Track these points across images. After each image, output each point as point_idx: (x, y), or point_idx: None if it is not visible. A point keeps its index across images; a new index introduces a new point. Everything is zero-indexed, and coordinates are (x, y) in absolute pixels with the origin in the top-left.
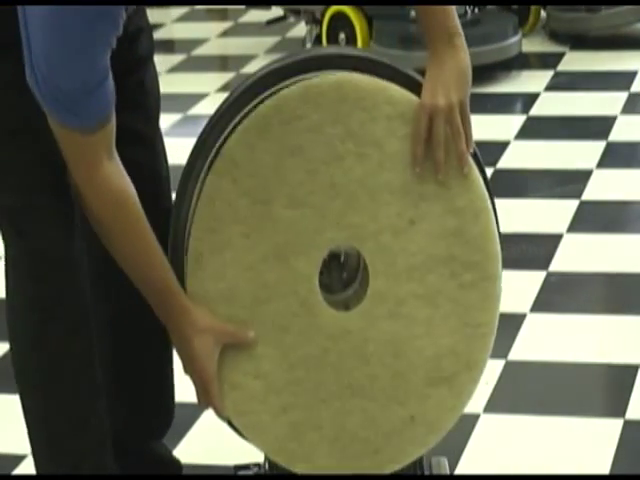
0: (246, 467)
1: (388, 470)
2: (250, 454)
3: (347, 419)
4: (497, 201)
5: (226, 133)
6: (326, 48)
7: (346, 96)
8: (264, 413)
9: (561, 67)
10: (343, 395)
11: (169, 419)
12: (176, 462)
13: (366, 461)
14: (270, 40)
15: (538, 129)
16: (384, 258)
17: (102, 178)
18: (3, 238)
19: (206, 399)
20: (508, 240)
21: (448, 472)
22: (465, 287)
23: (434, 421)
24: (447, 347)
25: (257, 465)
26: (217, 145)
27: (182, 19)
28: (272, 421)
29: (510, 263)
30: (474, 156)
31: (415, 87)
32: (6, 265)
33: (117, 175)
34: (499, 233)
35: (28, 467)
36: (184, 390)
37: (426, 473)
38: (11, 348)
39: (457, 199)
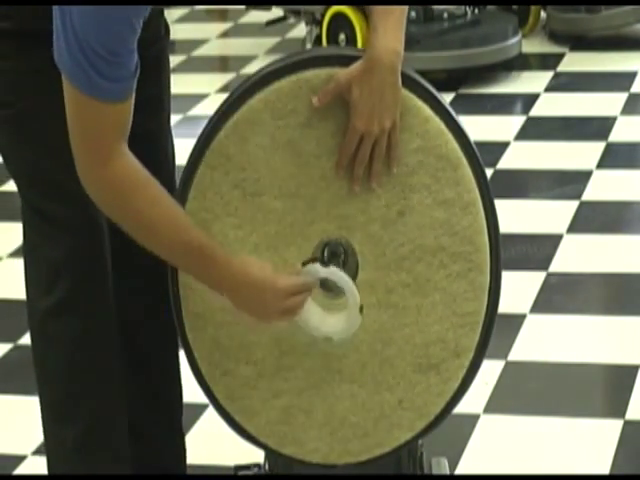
0: (246, 467)
1: (376, 453)
2: (250, 454)
3: (337, 404)
4: (497, 201)
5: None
6: (325, 49)
7: None
8: (255, 398)
9: (561, 68)
10: (333, 381)
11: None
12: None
13: (355, 444)
14: (270, 41)
15: (538, 130)
16: (373, 248)
17: (118, 165)
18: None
19: (294, 304)
20: (508, 240)
21: (448, 472)
22: (453, 277)
23: (422, 406)
24: (435, 335)
25: (257, 465)
26: (209, 137)
27: (182, 20)
28: (263, 406)
29: (510, 263)
30: (469, 151)
31: (405, 81)
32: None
33: (132, 163)
34: (496, 226)
35: (28, 467)
36: (184, 390)
37: (426, 473)
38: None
39: (446, 191)
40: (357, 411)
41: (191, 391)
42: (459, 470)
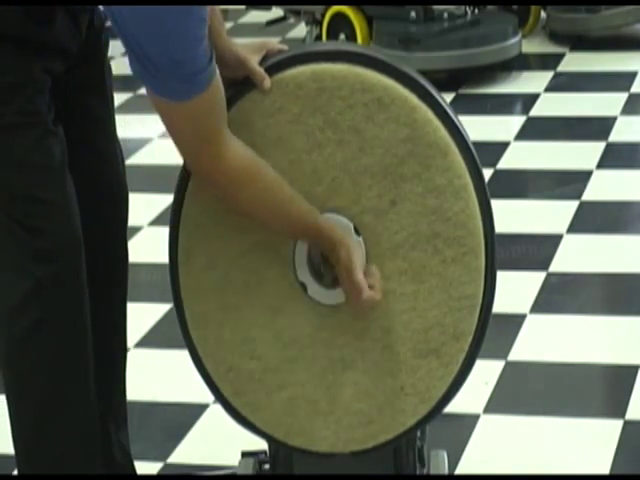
0: (253, 454)
1: (382, 440)
2: None
3: (340, 392)
4: (497, 201)
5: None
6: (312, 45)
7: (324, 87)
8: (261, 392)
9: (561, 68)
10: (335, 369)
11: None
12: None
13: (360, 431)
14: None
15: (538, 130)
16: (368, 238)
17: (234, 150)
18: None
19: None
20: (508, 240)
21: (446, 465)
22: (448, 262)
23: (424, 391)
24: (434, 320)
25: (264, 452)
26: None
27: None
28: (268, 398)
29: (510, 263)
30: (458, 137)
31: (390, 71)
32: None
33: (242, 149)
34: (489, 209)
35: None
36: (184, 390)
37: (424, 464)
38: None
39: (437, 178)
40: (361, 398)
41: (191, 391)
42: (459, 470)
